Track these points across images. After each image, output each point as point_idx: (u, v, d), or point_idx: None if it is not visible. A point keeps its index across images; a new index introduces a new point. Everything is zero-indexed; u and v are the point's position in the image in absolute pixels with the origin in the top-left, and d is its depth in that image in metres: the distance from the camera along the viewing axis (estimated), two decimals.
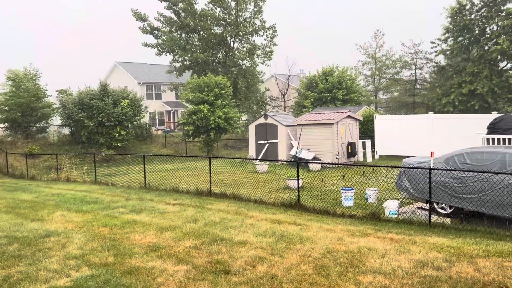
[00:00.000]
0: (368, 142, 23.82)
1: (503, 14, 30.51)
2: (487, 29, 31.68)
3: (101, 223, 9.73)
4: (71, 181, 18.81)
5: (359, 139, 23.34)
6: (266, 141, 24.15)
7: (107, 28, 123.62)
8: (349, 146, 21.24)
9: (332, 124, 20.71)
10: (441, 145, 20.23)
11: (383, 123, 24.66)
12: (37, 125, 29.70)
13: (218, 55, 38.52)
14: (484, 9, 31.28)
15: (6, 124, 28.66)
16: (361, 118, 23.65)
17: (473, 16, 31.79)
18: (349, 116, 21.83)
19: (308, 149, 21.35)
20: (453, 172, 9.52)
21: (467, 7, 31.95)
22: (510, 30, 29.93)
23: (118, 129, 27.60)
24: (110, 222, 9.72)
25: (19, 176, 21.59)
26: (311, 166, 19.70)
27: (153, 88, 52.08)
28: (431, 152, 10.44)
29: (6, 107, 27.78)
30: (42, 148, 27.23)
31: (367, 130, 26.18)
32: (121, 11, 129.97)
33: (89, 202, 12.61)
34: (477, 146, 11.78)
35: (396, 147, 23.36)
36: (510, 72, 30.53)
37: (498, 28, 31.11)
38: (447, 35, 33.79)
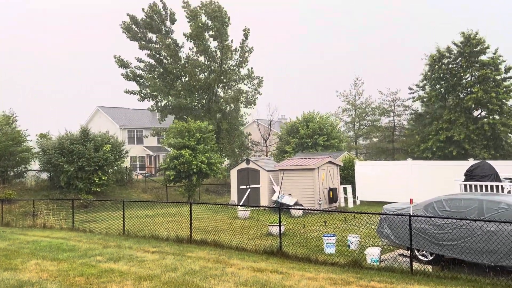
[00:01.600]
0: (349, 188, 23.98)
1: (477, 65, 31.88)
2: (463, 78, 32.93)
3: (77, 272, 9.43)
4: (48, 227, 18.30)
5: (340, 185, 23.49)
6: (248, 186, 24.10)
7: (90, 72, 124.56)
8: (331, 192, 21.33)
9: (313, 169, 20.86)
10: (420, 191, 20.50)
11: (363, 169, 24.94)
12: (15, 169, 29.09)
13: (202, 101, 38.99)
14: (460, 58, 32.64)
15: None
16: (341, 164, 23.91)
17: (450, 65, 33.10)
18: (330, 162, 22.06)
19: (290, 194, 21.36)
20: (432, 219, 9.62)
21: (446, 55, 33.30)
22: (484, 80, 31.19)
23: (99, 173, 27.25)
24: (86, 271, 9.44)
25: None
26: (293, 211, 19.65)
27: (135, 133, 52.00)
28: (410, 199, 10.58)
29: None
30: (19, 193, 26.60)
31: (348, 175, 26.41)
32: (104, 56, 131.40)
33: (65, 250, 12.25)
34: (455, 193, 11.98)
35: (376, 193, 23.54)
36: (485, 120, 31.52)
37: (473, 78, 32.41)
38: (424, 82, 34.98)
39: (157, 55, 38.14)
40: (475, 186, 14.06)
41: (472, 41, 31.81)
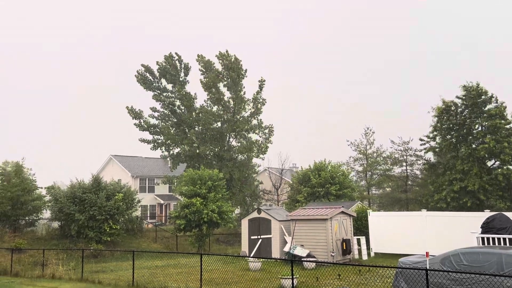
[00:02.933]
0: (363, 239, 23.47)
1: (485, 115, 31.85)
2: (473, 128, 32.83)
3: None
4: (57, 278, 18.06)
5: (354, 236, 23.04)
6: (259, 236, 23.74)
7: (103, 121, 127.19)
8: (344, 243, 20.89)
9: (325, 219, 20.56)
10: (436, 243, 20.00)
11: (377, 220, 24.52)
12: (27, 218, 29.13)
13: (214, 149, 39.34)
14: (466, 110, 32.72)
15: None
16: (354, 214, 23.56)
17: (458, 116, 33.10)
18: (342, 212, 21.76)
19: (302, 245, 20.96)
20: (450, 273, 9.33)
21: (452, 108, 33.37)
22: (495, 130, 31.05)
23: (110, 222, 27.17)
24: None
25: (2, 273, 20.69)
26: (305, 263, 19.20)
27: (147, 181, 52.19)
28: (427, 253, 10.32)
29: None
30: (30, 242, 26.49)
31: (361, 226, 25.95)
32: (117, 104, 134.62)
33: None
34: (472, 246, 11.68)
35: (391, 244, 22.99)
36: (499, 170, 31.08)
37: (483, 128, 32.30)
38: (435, 133, 34.86)
39: (171, 106, 39.02)
40: (493, 239, 13.70)
41: (472, 92, 32.00)
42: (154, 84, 39.40)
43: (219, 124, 39.25)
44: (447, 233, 20.62)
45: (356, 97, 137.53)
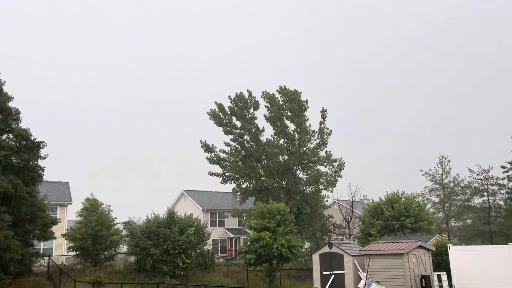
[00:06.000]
0: (443, 275, 22.00)
1: None
2: None
3: None
4: None
5: (434, 272, 21.66)
6: (331, 272, 23.02)
7: (177, 156, 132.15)
8: (423, 280, 19.72)
9: (402, 254, 19.59)
10: None
11: (458, 254, 22.88)
12: (106, 253, 30.51)
13: (282, 182, 39.31)
14: None
15: (77, 252, 29.72)
16: (433, 249, 22.26)
17: None
18: (420, 246, 20.66)
19: (378, 282, 20.04)
20: None
21: None
22: None
23: (182, 257, 27.69)
24: None
25: None
26: None
27: (217, 215, 52.93)
28: None
29: (79, 235, 29.14)
30: (108, 276, 27.57)
31: (441, 261, 24.36)
32: (188, 141, 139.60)
33: None
34: None
35: (475, 281, 21.28)
36: None
37: None
38: None
39: (240, 139, 39.85)
40: None
41: None
42: (225, 121, 40.71)
43: (285, 157, 39.32)
44: None
45: (430, 124, 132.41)
